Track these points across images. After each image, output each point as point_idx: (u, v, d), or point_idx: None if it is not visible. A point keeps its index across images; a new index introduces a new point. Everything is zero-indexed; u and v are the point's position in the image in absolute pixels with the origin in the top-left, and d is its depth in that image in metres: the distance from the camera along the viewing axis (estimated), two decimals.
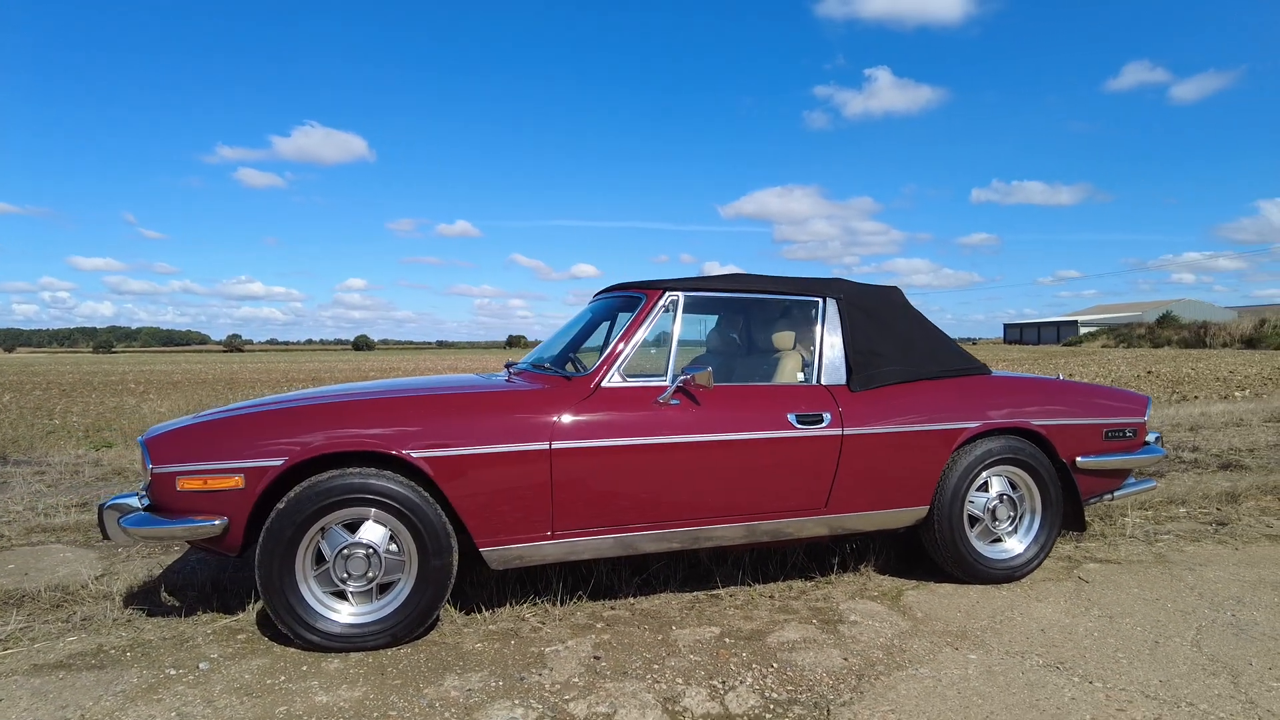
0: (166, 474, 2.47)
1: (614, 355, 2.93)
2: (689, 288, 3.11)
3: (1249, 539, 3.88)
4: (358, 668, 2.50)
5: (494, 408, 2.76)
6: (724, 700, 2.30)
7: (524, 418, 2.73)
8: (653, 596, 3.17)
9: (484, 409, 2.76)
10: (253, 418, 2.63)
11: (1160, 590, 3.16)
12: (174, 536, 2.49)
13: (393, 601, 2.66)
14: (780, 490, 2.99)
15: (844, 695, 2.31)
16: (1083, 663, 2.49)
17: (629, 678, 2.44)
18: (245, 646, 2.64)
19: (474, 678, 2.44)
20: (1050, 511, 3.35)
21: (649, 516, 2.85)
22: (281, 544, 2.51)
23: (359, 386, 3.18)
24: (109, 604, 2.97)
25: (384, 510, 2.60)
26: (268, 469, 2.51)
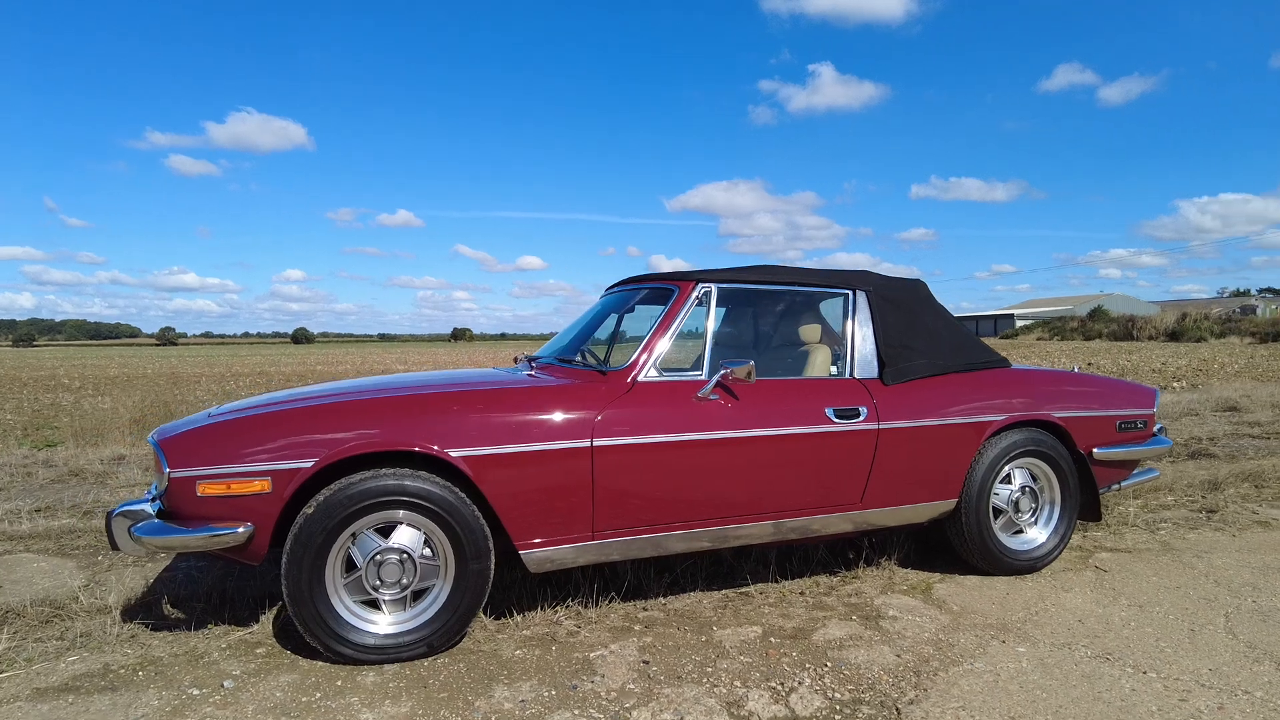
0: (186, 479, 2.28)
1: (649, 349, 2.84)
2: (721, 279, 3.03)
3: (1242, 525, 4.01)
4: (396, 681, 2.36)
5: (534, 404, 2.64)
6: (788, 702, 2.24)
7: (565, 414, 2.62)
8: (683, 596, 3.10)
9: (523, 405, 2.63)
10: (279, 416, 2.45)
11: (1177, 578, 3.23)
12: (194, 546, 2.30)
13: (428, 609, 2.52)
14: (818, 486, 2.94)
15: (908, 694, 2.27)
16: (1130, 653, 2.52)
17: (685, 682, 2.36)
18: (268, 661, 2.47)
19: (523, 687, 2.32)
20: (1069, 502, 3.39)
21: (687, 515, 2.77)
22: (311, 552, 2.35)
23: (376, 382, 3.01)
24: (106, 618, 2.75)
25: (418, 513, 2.46)
26: (297, 471, 2.34)
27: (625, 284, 3.55)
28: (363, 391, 2.72)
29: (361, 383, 3.08)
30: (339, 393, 2.76)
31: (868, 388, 3.07)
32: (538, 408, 2.63)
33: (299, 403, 2.59)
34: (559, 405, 2.64)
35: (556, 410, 2.62)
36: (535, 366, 3.24)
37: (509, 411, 2.60)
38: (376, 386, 2.83)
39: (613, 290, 3.81)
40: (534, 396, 2.69)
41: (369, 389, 2.78)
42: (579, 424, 2.61)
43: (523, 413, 2.60)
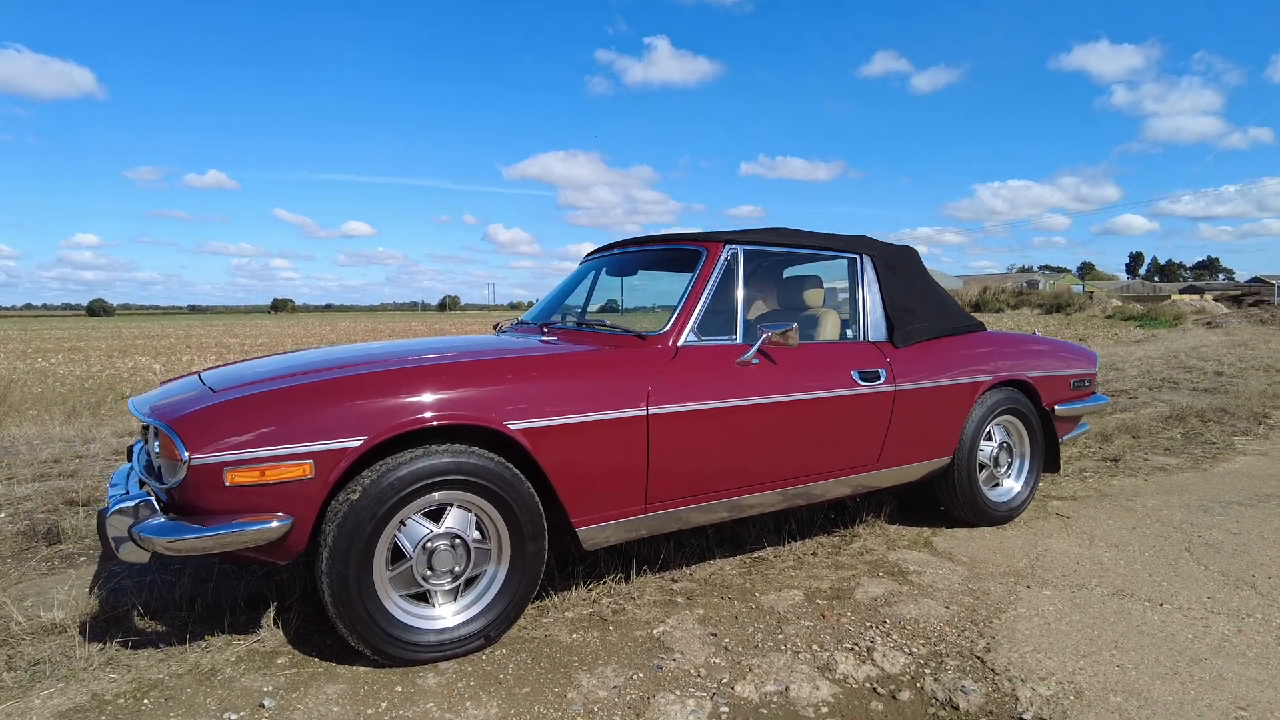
0: (210, 465, 1.90)
1: (688, 314, 2.72)
2: (744, 241, 2.95)
3: (1147, 472, 4.53)
4: (462, 679, 2.13)
5: (588, 372, 2.45)
6: (874, 661, 2.25)
7: (619, 382, 2.45)
8: (705, 564, 3.03)
9: (578, 373, 2.43)
10: (319, 388, 2.10)
11: (1127, 520, 3.58)
12: (223, 546, 1.92)
13: (483, 597, 2.29)
14: (845, 449, 2.97)
15: (978, 642, 2.36)
16: (1138, 589, 2.76)
17: (765, 651, 2.31)
18: (299, 672, 2.14)
19: (606, 672, 2.17)
20: (1036, 456, 3.66)
21: (732, 483, 2.71)
22: (359, 544, 2.05)
23: (391, 350, 2.67)
24: (63, 639, 2.27)
25: (473, 492, 2.21)
26: (344, 452, 2.02)
27: (623, 247, 3.38)
28: (394, 359, 2.40)
29: (372, 349, 2.73)
30: (364, 360, 2.41)
31: (882, 350, 3.13)
32: (592, 375, 2.44)
33: (329, 371, 2.23)
34: (613, 373, 2.47)
35: (610, 378, 2.45)
36: (549, 332, 3.01)
37: (564, 380, 2.39)
38: (399, 354, 2.51)
39: (596, 255, 3.63)
40: (587, 364, 2.50)
41: (395, 356, 2.45)
42: (634, 392, 2.45)
43: (578, 381, 2.40)
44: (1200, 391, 7.98)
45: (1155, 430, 5.78)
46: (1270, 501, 3.84)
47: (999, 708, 2.00)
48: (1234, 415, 6.37)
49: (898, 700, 2.06)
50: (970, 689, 2.08)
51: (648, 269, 3.33)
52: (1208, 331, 20.58)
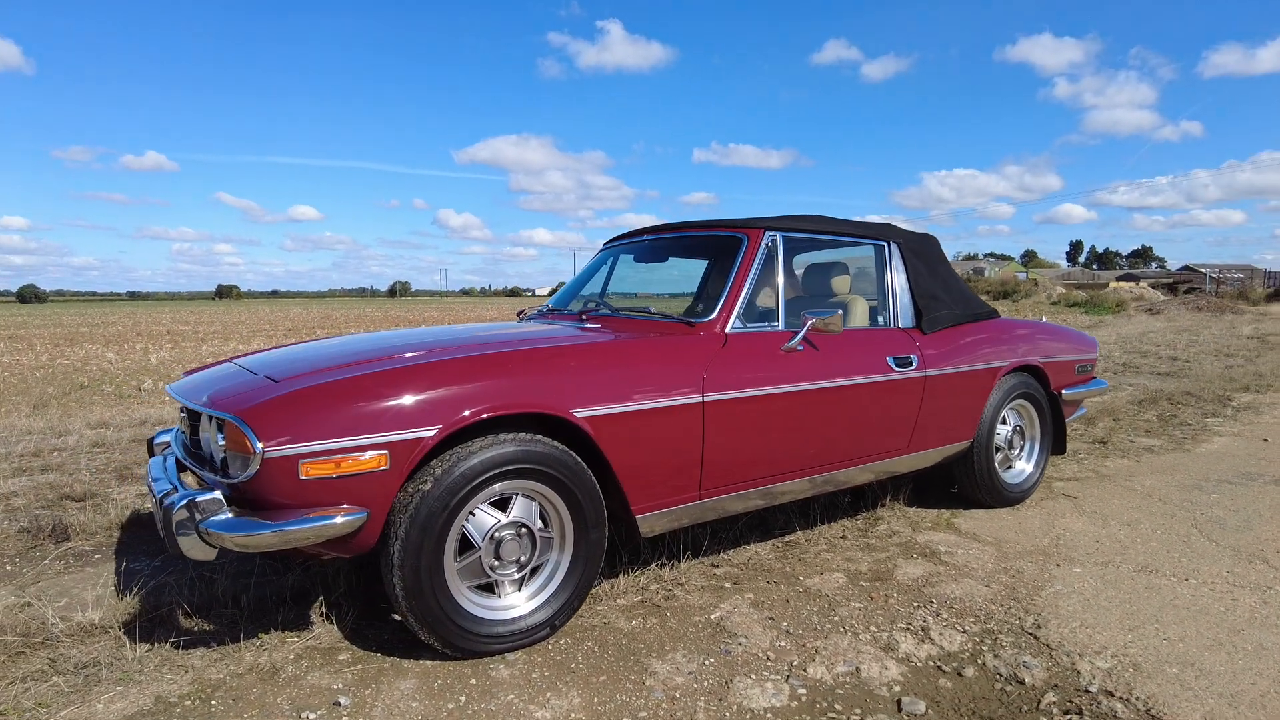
0: (286, 458, 1.83)
1: (734, 300, 2.72)
2: (781, 227, 2.96)
3: (1136, 453, 4.72)
4: (533, 670, 2.11)
5: (647, 359, 2.44)
6: (933, 640, 2.30)
7: (677, 369, 2.44)
8: (741, 550, 3.06)
9: (637, 360, 2.42)
10: (391, 377, 2.04)
11: (1131, 500, 3.73)
12: (299, 541, 1.86)
13: (547, 586, 2.27)
14: (881, 434, 3.03)
15: (1027, 620, 2.43)
16: (1160, 565, 2.88)
17: (825, 633, 2.34)
18: (364, 668, 2.09)
19: (677, 659, 2.18)
20: (1045, 438, 3.78)
21: (778, 469, 2.73)
22: (432, 535, 2.01)
23: (439, 335, 2.61)
24: (108, 640, 2.17)
25: (539, 481, 2.19)
26: (419, 442, 1.97)
27: (652, 234, 3.35)
28: (452, 346, 2.34)
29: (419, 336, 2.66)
30: (422, 347, 2.35)
31: (911, 336, 3.19)
32: (652, 362, 2.43)
33: (393, 359, 2.17)
34: (671, 360, 2.46)
35: (669, 365, 2.44)
36: (588, 319, 2.98)
37: (625, 367, 2.38)
38: (454, 341, 2.45)
39: (617, 243, 3.60)
40: (646, 351, 2.48)
41: (452, 344, 2.40)
42: (691, 378, 2.45)
43: (638, 368, 2.39)
44: (1161, 375, 8.33)
45: (1132, 413, 6.02)
46: (1257, 480, 4.04)
47: (1063, 681, 2.07)
48: (1200, 398, 6.66)
49: (964, 677, 2.12)
50: (1032, 664, 2.15)
51: (680, 256, 3.32)
52: (1151, 318, 21.46)
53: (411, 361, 2.14)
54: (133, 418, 6.29)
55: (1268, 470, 4.24)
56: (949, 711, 1.96)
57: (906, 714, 1.94)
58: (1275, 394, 7.01)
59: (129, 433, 5.46)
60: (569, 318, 3.12)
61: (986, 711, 1.95)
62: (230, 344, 17.54)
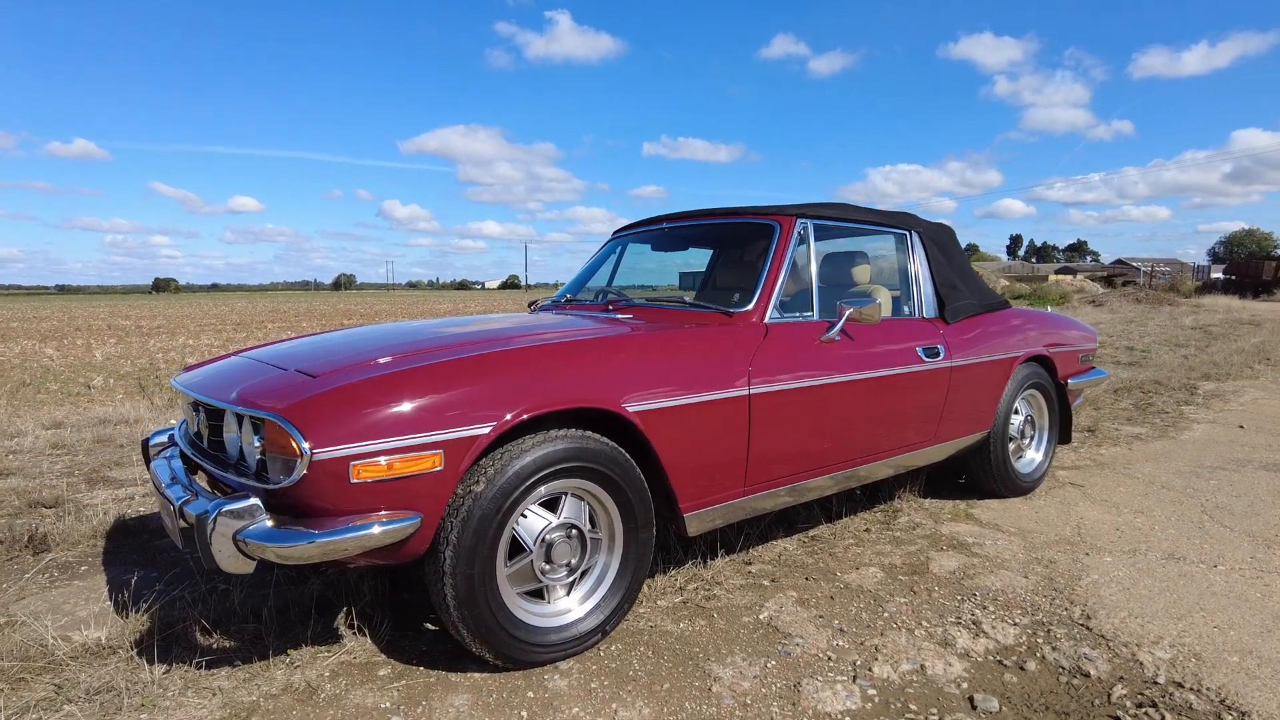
0: (336, 460, 1.68)
1: (770, 289, 2.64)
2: (813, 215, 2.89)
3: (1126, 440, 4.81)
4: (590, 679, 2.00)
5: (693, 350, 2.33)
6: (987, 634, 2.27)
7: (723, 361, 2.35)
8: (769, 545, 2.99)
9: (684, 352, 2.31)
10: (442, 371, 1.89)
11: (1136, 488, 3.78)
12: (348, 550, 1.70)
13: (596, 590, 2.16)
14: (912, 425, 2.99)
15: (1074, 611, 2.42)
16: (1184, 552, 2.91)
17: (879, 630, 2.29)
18: (410, 684, 1.95)
19: (737, 661, 2.09)
20: (1053, 428, 3.81)
21: (816, 463, 2.66)
22: (485, 540, 1.88)
23: (472, 325, 2.46)
24: (120, 661, 1.98)
25: (589, 479, 2.07)
26: (474, 440, 1.83)
27: (671, 221, 3.24)
28: (492, 339, 2.20)
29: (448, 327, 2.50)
30: (460, 341, 2.20)
31: (937, 327, 3.16)
32: (698, 354, 2.33)
33: (439, 352, 2.02)
34: (717, 352, 2.37)
35: (715, 357, 2.35)
36: (615, 309, 2.86)
37: (672, 360, 2.27)
38: (491, 334, 2.31)
39: (627, 231, 3.49)
40: (692, 342, 2.37)
41: (490, 336, 2.26)
42: (738, 370, 2.36)
43: (685, 361, 2.29)
44: (1125, 365, 8.57)
45: (1110, 402, 6.16)
46: (1247, 466, 4.15)
47: (1128, 673, 2.05)
48: (1168, 387, 6.86)
49: (1027, 671, 2.08)
50: (1093, 656, 2.13)
51: (702, 245, 3.23)
52: (1096, 310, 22.20)
53: (460, 355, 2.00)
54: (89, 417, 5.91)
55: (1254, 456, 4.36)
56: (1022, 707, 1.91)
57: (982, 712, 1.90)
58: (1236, 382, 7.27)
59: (89, 433, 5.13)
60: (592, 308, 2.99)
61: (1060, 706, 1.92)
62: (178, 339, 16.79)
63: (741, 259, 3.07)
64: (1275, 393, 6.70)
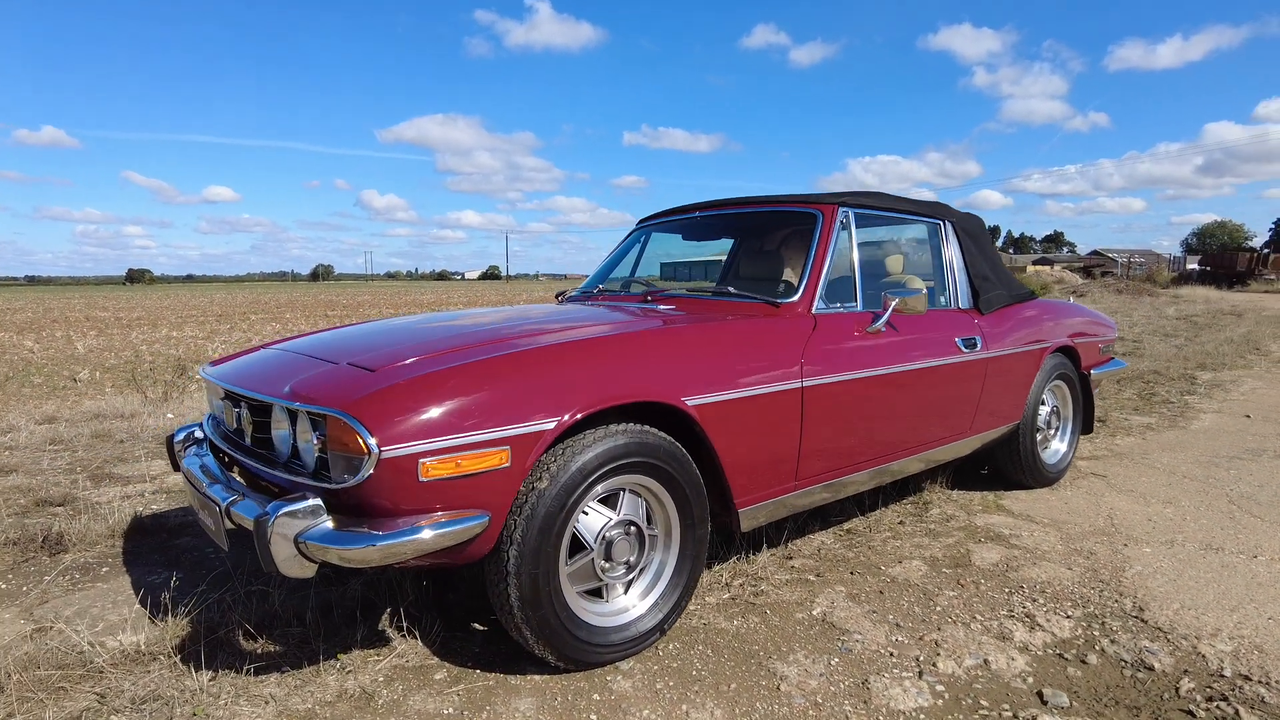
0: (406, 457, 1.61)
1: (816, 279, 2.59)
2: (853, 203, 2.84)
3: (1138, 431, 4.83)
4: (658, 681, 1.95)
5: (748, 342, 2.28)
6: (1043, 627, 2.25)
7: (777, 352, 2.30)
8: (806, 540, 2.95)
9: (738, 344, 2.26)
10: (505, 363, 1.82)
11: (1159, 478, 3.79)
12: (419, 551, 1.63)
13: (654, 588, 2.11)
14: (951, 416, 2.96)
15: (1125, 602, 2.40)
16: (1220, 542, 2.91)
17: (935, 624, 2.26)
18: (469, 688, 1.89)
19: (800, 659, 2.05)
20: (1076, 418, 3.81)
21: (863, 456, 2.63)
22: (550, 538, 1.82)
23: (523, 317, 2.39)
24: (163, 668, 1.89)
25: (647, 474, 2.01)
26: (540, 435, 1.77)
27: (704, 210, 3.18)
28: (542, 330, 2.13)
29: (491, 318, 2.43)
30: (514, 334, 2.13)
31: (972, 317, 3.13)
32: (752, 346, 2.28)
33: (493, 345, 1.95)
34: (770, 344, 2.32)
35: (768, 348, 2.30)
36: (654, 299, 2.79)
37: (727, 351, 2.22)
38: (541, 325, 2.24)
39: (652, 221, 3.42)
40: (746, 334, 2.32)
41: (540, 327, 2.19)
42: (791, 362, 2.31)
43: (740, 352, 2.23)
44: (1119, 355, 8.64)
45: (1114, 392, 6.20)
46: (1262, 455, 4.18)
47: (1193, 666, 2.03)
48: (1167, 377, 6.93)
49: (1089, 664, 2.06)
50: (1154, 649, 2.11)
51: (737, 234, 3.17)
52: (1078, 300, 22.47)
53: (519, 348, 1.93)
54: (83, 411, 5.75)
55: (1267, 446, 4.39)
56: (1092, 702, 1.89)
57: (1052, 707, 1.87)
58: (1232, 371, 7.36)
59: (85, 428, 4.98)
60: (628, 299, 2.93)
61: (1129, 701, 1.90)
62: (160, 330, 16.46)
63: (779, 248, 3.02)
64: (1272, 382, 6.78)
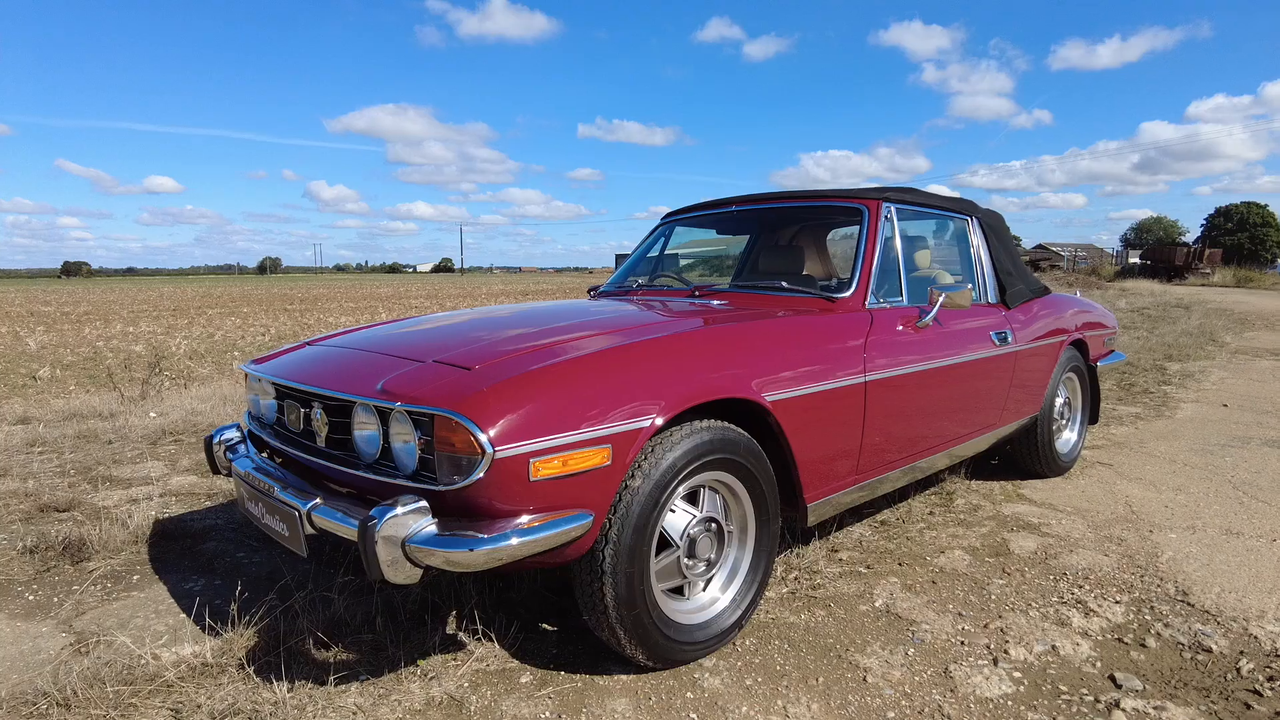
0: (518, 457, 1.56)
1: (867, 273, 2.61)
2: (894, 199, 2.87)
3: (1129, 420, 5.01)
4: (747, 676, 1.95)
5: (818, 337, 2.29)
6: (1098, 613, 2.31)
7: (843, 347, 2.32)
8: (844, 532, 2.98)
9: (807, 339, 2.26)
10: (602, 360, 1.79)
11: (1161, 466, 3.93)
12: (529, 552, 1.59)
13: (731, 584, 2.10)
14: (987, 409, 3.02)
15: (1169, 588, 2.48)
16: (1239, 526, 3.03)
17: (996, 613, 2.30)
18: (558, 690, 1.86)
19: (876, 649, 2.08)
20: (1085, 408, 3.93)
21: (915, 447, 2.67)
22: (644, 537, 1.80)
23: (575, 312, 2.35)
24: (238, 680, 1.82)
25: (727, 471, 2.00)
26: (639, 432, 1.74)
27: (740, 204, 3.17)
28: (622, 326, 2.10)
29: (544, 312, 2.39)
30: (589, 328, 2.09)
31: (999, 311, 3.19)
32: (822, 341, 2.28)
33: (579, 341, 1.91)
34: (836, 338, 2.33)
35: (836, 343, 2.31)
36: (702, 294, 2.78)
37: (798, 346, 2.22)
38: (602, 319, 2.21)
39: (678, 216, 3.41)
40: (813, 329, 2.32)
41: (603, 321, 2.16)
42: (855, 357, 2.33)
43: (810, 347, 2.24)
44: None
45: None
46: (1251, 443, 4.36)
47: (1248, 647, 2.11)
48: (1140, 368, 7.19)
49: (1149, 648, 2.12)
50: (1208, 632, 2.19)
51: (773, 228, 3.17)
52: None
53: (615, 343, 1.90)
54: (57, 410, 5.50)
55: (1252, 434, 4.59)
56: (1161, 684, 1.95)
57: (1127, 690, 1.92)
58: (1198, 362, 7.67)
59: (66, 428, 4.76)
60: (673, 294, 2.91)
61: (1196, 682, 1.96)
62: (114, 326, 15.80)
63: (821, 243, 3.03)
64: (1236, 372, 7.09)
